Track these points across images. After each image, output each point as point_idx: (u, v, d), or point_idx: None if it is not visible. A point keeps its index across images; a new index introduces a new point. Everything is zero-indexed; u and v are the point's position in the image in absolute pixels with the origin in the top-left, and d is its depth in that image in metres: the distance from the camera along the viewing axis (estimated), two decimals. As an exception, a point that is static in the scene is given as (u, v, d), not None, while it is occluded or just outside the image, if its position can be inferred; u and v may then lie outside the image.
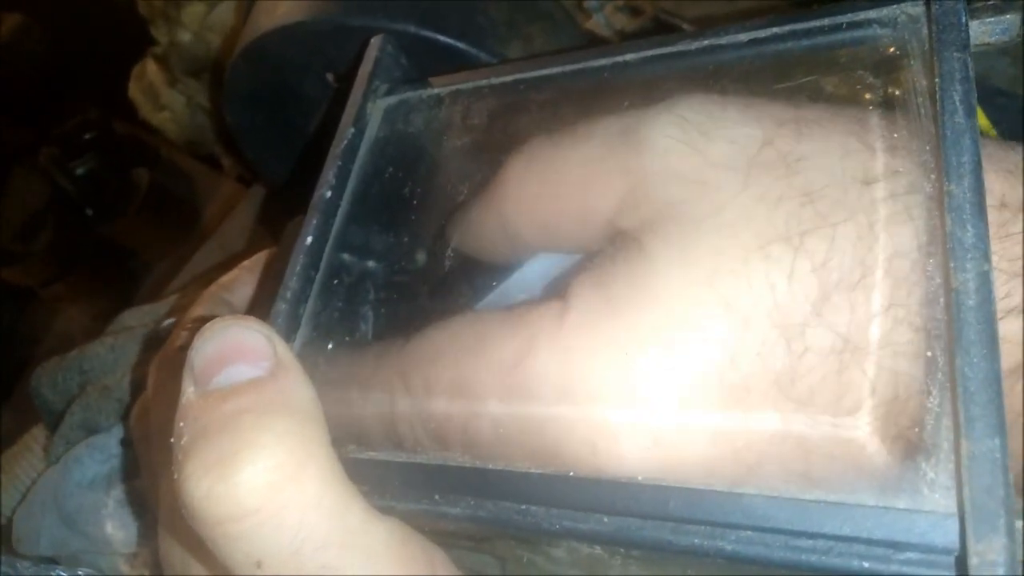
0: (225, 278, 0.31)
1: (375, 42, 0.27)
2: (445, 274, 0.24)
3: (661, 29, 0.44)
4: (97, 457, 0.33)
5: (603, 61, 0.24)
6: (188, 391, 0.20)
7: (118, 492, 0.32)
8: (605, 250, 0.20)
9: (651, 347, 0.18)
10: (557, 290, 0.20)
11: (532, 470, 0.19)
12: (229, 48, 0.48)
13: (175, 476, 0.19)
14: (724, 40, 0.22)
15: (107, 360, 0.37)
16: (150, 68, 0.56)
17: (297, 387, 0.20)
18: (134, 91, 0.58)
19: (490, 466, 0.19)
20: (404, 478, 0.20)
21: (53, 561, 0.35)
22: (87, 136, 1.02)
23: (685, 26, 0.41)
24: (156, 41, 0.55)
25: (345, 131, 0.25)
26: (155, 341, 0.38)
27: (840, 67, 0.21)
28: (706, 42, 0.22)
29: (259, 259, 0.31)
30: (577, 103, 0.23)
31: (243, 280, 0.31)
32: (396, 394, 0.21)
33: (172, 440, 0.19)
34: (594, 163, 0.21)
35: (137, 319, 0.40)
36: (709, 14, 0.43)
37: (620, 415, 0.18)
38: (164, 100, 0.55)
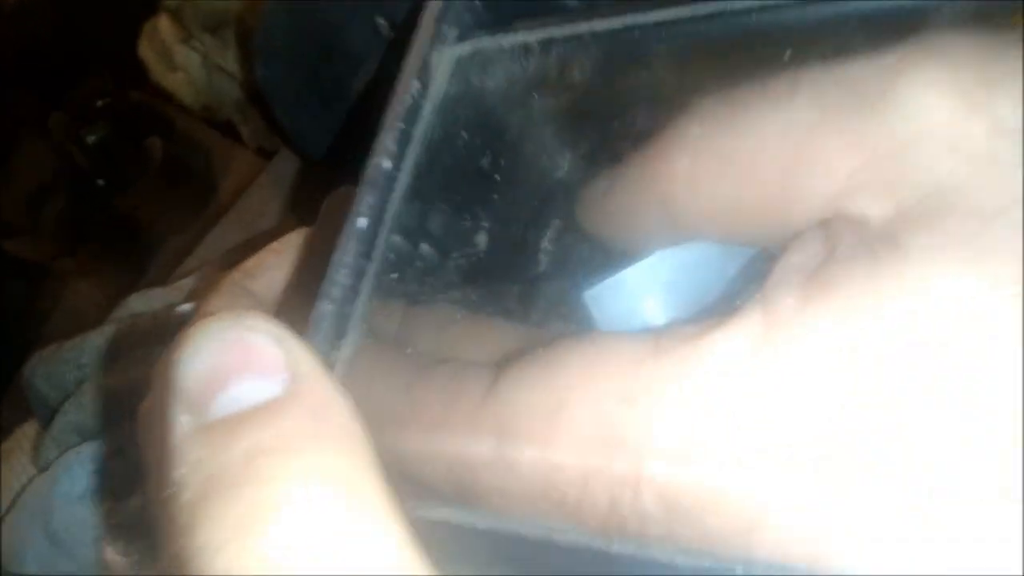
0: (249, 263, 0.26)
1: (443, -23, 0.22)
2: (540, 272, 0.19)
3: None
4: (89, 468, 0.29)
5: (749, 3, 0.18)
6: (181, 421, 0.14)
7: (112, 511, 0.28)
8: (815, 242, 0.15)
9: (925, 371, 0.13)
10: (733, 295, 0.15)
11: (669, 551, 0.14)
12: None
13: (179, 542, 0.14)
14: None
15: (107, 353, 0.33)
16: (162, 24, 0.51)
17: (330, 404, 0.14)
18: (145, 50, 0.53)
19: (614, 543, 0.14)
20: (496, 549, 0.15)
21: (40, 583, 0.31)
22: (98, 103, 0.98)
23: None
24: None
25: (407, 87, 0.20)
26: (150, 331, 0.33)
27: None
28: None
29: (289, 241, 0.26)
30: (719, 56, 0.18)
31: (270, 265, 0.26)
32: (486, 443, 0.16)
33: (165, 493, 0.14)
34: (804, 129, 0.16)
35: (145, 304, 0.36)
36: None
37: (868, 474, 0.13)
38: (178, 59, 0.50)
